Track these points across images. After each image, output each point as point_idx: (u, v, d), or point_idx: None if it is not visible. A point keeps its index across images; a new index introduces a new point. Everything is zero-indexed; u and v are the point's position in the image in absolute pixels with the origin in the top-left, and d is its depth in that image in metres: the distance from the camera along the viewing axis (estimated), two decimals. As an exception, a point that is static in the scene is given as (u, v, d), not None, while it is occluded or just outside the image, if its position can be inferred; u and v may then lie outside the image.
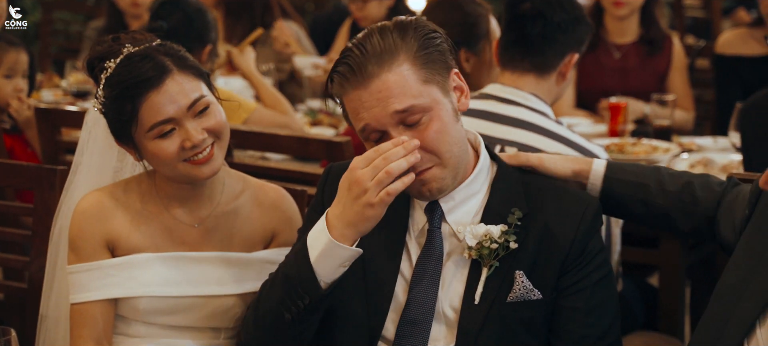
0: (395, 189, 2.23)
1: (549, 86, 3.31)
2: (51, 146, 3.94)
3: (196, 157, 2.50)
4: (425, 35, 2.33)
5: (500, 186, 2.42)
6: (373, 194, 2.22)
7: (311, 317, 2.35)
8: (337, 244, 2.26)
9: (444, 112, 2.32)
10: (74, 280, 2.57)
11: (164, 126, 2.47)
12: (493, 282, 2.35)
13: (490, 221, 2.36)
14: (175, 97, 2.47)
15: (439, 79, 2.33)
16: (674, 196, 2.48)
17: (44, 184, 2.96)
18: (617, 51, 5.21)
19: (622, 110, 4.55)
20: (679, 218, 2.47)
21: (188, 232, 2.62)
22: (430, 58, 2.32)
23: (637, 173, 2.53)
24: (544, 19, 3.27)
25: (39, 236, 2.96)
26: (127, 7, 6.15)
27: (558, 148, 3.14)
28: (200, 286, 2.59)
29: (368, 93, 2.29)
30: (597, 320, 2.37)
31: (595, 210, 2.40)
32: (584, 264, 2.36)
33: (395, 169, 2.22)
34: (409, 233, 2.43)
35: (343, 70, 2.30)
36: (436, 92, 2.32)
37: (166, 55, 2.51)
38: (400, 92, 2.28)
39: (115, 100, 2.48)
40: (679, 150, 4.26)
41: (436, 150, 2.31)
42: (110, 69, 2.49)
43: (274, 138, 3.50)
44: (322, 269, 2.28)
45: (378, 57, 2.28)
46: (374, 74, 2.28)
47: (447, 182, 2.35)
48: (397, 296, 2.41)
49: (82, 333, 2.55)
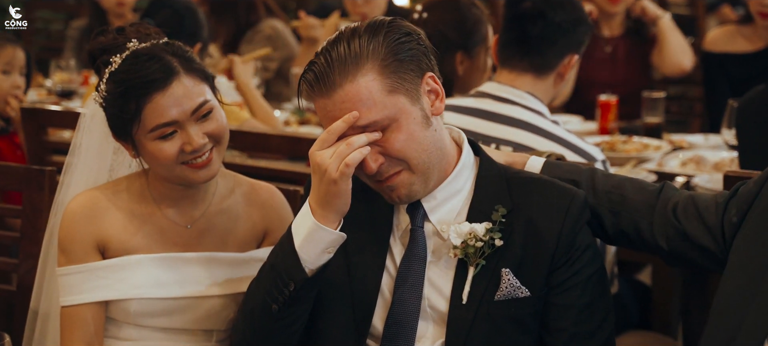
0: (353, 159, 2.21)
1: (546, 86, 3.29)
2: (37, 147, 3.90)
3: (194, 160, 2.47)
4: (397, 39, 2.28)
5: (484, 183, 2.39)
6: (333, 169, 2.22)
7: (298, 308, 2.33)
8: (320, 226, 2.26)
9: (411, 120, 2.27)
10: (64, 282, 2.53)
11: (166, 128, 2.44)
12: (480, 281, 2.32)
13: (476, 218, 2.34)
14: (180, 101, 2.44)
15: (408, 86, 2.28)
16: (603, 194, 2.42)
17: (33, 185, 2.93)
18: (607, 44, 5.26)
19: (612, 108, 4.54)
20: (607, 218, 2.40)
21: (180, 232, 2.59)
22: (399, 65, 2.27)
23: (571, 170, 2.48)
24: (545, 20, 3.25)
25: (27, 238, 2.93)
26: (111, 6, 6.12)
27: (552, 147, 3.12)
28: (192, 287, 2.56)
29: (332, 103, 2.26)
30: (590, 317, 2.34)
31: (581, 203, 2.36)
32: (574, 260, 2.33)
33: (355, 141, 2.22)
34: (393, 233, 2.41)
35: (310, 78, 2.28)
36: (403, 101, 2.27)
37: (173, 56, 2.47)
38: (362, 105, 2.24)
39: (118, 98, 2.44)
40: (671, 148, 4.26)
41: (402, 157, 2.28)
42: (115, 64, 2.46)
43: (265, 138, 3.49)
44: (307, 254, 2.27)
45: (342, 66, 2.25)
46: (337, 84, 2.24)
47: (416, 187, 2.32)
48: (384, 294, 2.39)
49: (72, 336, 2.51)
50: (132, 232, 2.56)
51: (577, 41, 3.31)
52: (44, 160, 3.87)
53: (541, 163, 2.49)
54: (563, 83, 3.35)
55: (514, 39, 3.30)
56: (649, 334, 3.60)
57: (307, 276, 2.28)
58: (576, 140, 3.22)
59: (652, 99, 4.51)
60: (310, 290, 2.32)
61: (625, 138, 4.28)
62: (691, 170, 3.90)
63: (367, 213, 2.40)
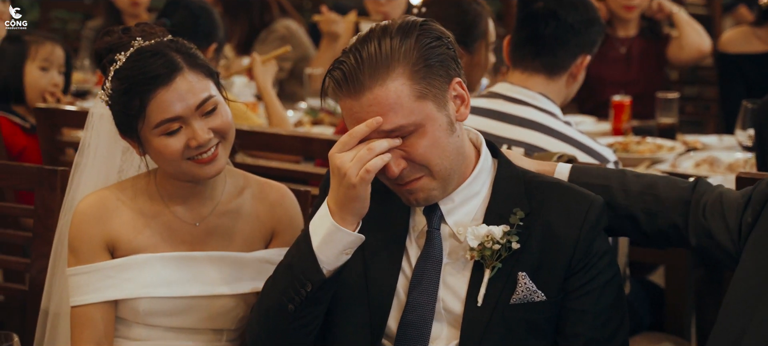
0: (374, 166, 2.20)
1: (559, 87, 3.28)
2: (51, 146, 3.91)
3: (200, 156, 2.47)
4: (428, 44, 2.25)
5: (502, 185, 2.38)
6: (353, 173, 2.20)
7: (314, 309, 2.32)
8: (339, 228, 2.24)
9: (436, 127, 2.26)
10: (74, 282, 2.54)
11: (171, 124, 2.44)
12: (496, 284, 2.31)
13: (493, 221, 2.32)
14: (184, 96, 2.44)
15: (436, 92, 2.26)
16: (637, 196, 2.40)
17: (44, 185, 2.93)
18: (622, 45, 5.25)
19: (625, 108, 4.52)
20: (642, 219, 2.39)
21: (189, 231, 2.59)
22: (429, 71, 2.24)
23: (600, 174, 2.46)
24: (557, 20, 3.24)
25: (39, 238, 2.93)
26: (125, 6, 6.15)
27: (564, 149, 3.10)
28: (201, 286, 2.56)
29: (359, 105, 2.23)
30: (606, 323, 2.33)
31: (599, 208, 2.35)
32: (591, 266, 2.32)
33: (377, 146, 2.20)
34: (409, 234, 2.40)
35: (337, 76, 2.25)
36: (431, 107, 2.25)
37: (177, 52, 2.48)
38: (390, 110, 2.22)
39: (123, 95, 2.45)
40: (684, 149, 4.24)
41: (425, 163, 2.26)
42: (120, 62, 2.46)
43: (276, 138, 3.48)
44: (325, 255, 2.26)
45: (372, 68, 2.22)
46: (366, 87, 2.22)
47: (435, 192, 2.31)
48: (399, 295, 2.38)
49: (82, 336, 2.52)
50: (140, 231, 2.56)
51: (589, 41, 3.30)
52: (58, 160, 3.87)
53: (568, 169, 2.48)
54: (575, 84, 3.33)
55: (526, 39, 3.29)
56: (662, 335, 3.58)
57: (325, 277, 2.27)
58: (588, 141, 3.20)
59: (666, 99, 4.49)
60: (327, 290, 2.31)
61: (638, 139, 4.26)
62: (705, 171, 3.88)
63: (384, 214, 2.39)
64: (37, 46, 4.31)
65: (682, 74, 5.81)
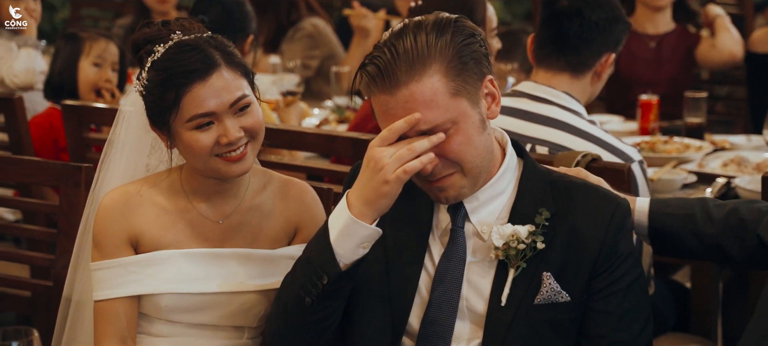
0: (412, 167, 2.19)
1: (583, 86, 3.26)
2: (78, 143, 3.93)
3: (229, 154, 2.48)
4: (463, 41, 2.24)
5: (527, 185, 2.37)
6: (390, 170, 2.19)
7: (331, 303, 2.32)
8: (356, 221, 2.23)
9: (470, 124, 2.25)
10: (97, 277, 2.55)
11: (203, 119, 2.45)
12: (520, 284, 2.30)
13: (517, 220, 2.32)
14: (219, 93, 2.45)
15: (470, 89, 2.25)
16: (721, 222, 2.39)
17: (69, 181, 2.95)
18: (652, 41, 5.21)
19: (653, 107, 4.49)
20: (730, 246, 2.38)
21: (212, 228, 2.60)
22: (464, 67, 2.24)
23: (681, 204, 2.46)
24: (582, 18, 3.23)
25: (64, 234, 2.95)
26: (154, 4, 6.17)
27: (589, 148, 3.09)
28: (223, 283, 2.57)
29: (395, 100, 2.22)
30: (630, 325, 2.32)
31: (625, 210, 2.35)
32: (616, 267, 2.31)
33: (418, 147, 2.19)
34: (433, 232, 2.40)
35: (372, 70, 2.23)
36: (465, 105, 2.24)
37: (215, 49, 2.49)
38: (426, 107, 2.20)
39: (158, 85, 2.46)
40: (712, 148, 4.21)
41: (458, 160, 2.26)
42: (158, 53, 2.47)
43: (300, 135, 3.48)
44: (342, 248, 2.25)
45: (409, 63, 2.20)
46: (402, 82, 2.20)
47: (465, 190, 2.31)
48: (421, 293, 2.38)
49: (106, 331, 2.53)
50: (164, 227, 2.57)
51: (614, 40, 3.28)
52: (85, 157, 3.89)
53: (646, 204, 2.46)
54: (600, 82, 3.32)
55: (550, 37, 3.28)
56: (687, 336, 3.55)
57: (341, 270, 2.27)
58: (613, 140, 3.19)
59: (694, 99, 4.45)
60: (343, 284, 2.30)
61: (665, 138, 4.23)
62: (733, 171, 3.85)
63: (408, 211, 2.39)
64: (92, 43, 4.40)
65: (713, 73, 5.76)
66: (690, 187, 3.68)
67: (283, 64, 5.44)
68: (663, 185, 3.61)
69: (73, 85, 4.38)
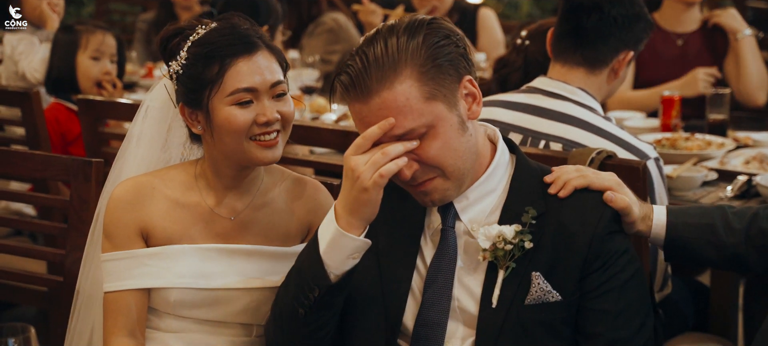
0: (388, 170, 2.17)
1: (599, 82, 3.22)
2: (93, 138, 3.93)
3: (263, 137, 2.48)
4: (436, 43, 2.21)
5: (518, 184, 2.34)
6: (366, 176, 2.17)
7: (325, 313, 2.30)
8: (343, 233, 2.21)
9: (447, 127, 2.22)
10: (108, 268, 2.55)
11: (245, 95, 2.46)
12: (510, 284, 2.28)
13: (509, 219, 2.29)
14: (262, 71, 2.47)
15: (445, 92, 2.22)
16: (742, 232, 2.36)
17: (79, 176, 2.94)
18: (679, 39, 5.12)
19: (675, 104, 4.44)
20: (750, 255, 2.35)
21: (223, 224, 2.59)
22: (438, 70, 2.21)
23: (701, 213, 2.42)
24: (601, 13, 3.19)
25: (75, 229, 2.94)
26: (179, -1, 6.20)
27: (603, 144, 3.05)
28: (233, 279, 2.56)
29: (368, 109, 2.20)
30: (627, 322, 2.29)
31: (615, 211, 2.31)
32: (609, 265, 2.28)
33: (391, 150, 2.17)
34: (424, 232, 2.38)
35: (345, 80, 2.22)
36: (440, 108, 2.22)
37: (254, 34, 2.52)
38: (399, 113, 2.18)
39: (202, 59, 2.47)
40: (734, 145, 4.15)
41: (437, 165, 2.24)
42: (200, 33, 2.50)
43: (315, 131, 3.47)
44: (331, 260, 2.24)
45: (380, 71, 2.18)
46: (374, 91, 2.18)
47: (450, 192, 2.28)
48: (414, 294, 2.36)
49: (116, 322, 2.53)
50: (175, 221, 2.56)
51: (634, 38, 3.23)
52: (100, 151, 3.90)
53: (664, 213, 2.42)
54: (617, 80, 3.27)
55: (568, 31, 3.25)
56: (707, 336, 3.50)
57: (332, 282, 2.25)
58: (627, 137, 3.14)
59: (717, 95, 4.39)
60: (335, 295, 2.29)
61: (687, 135, 4.17)
62: (755, 169, 3.79)
63: (399, 212, 2.37)
64: (89, 36, 4.41)
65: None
66: (710, 184, 3.63)
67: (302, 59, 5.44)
68: (682, 183, 3.56)
69: (73, 81, 4.39)
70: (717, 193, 3.53)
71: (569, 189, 2.32)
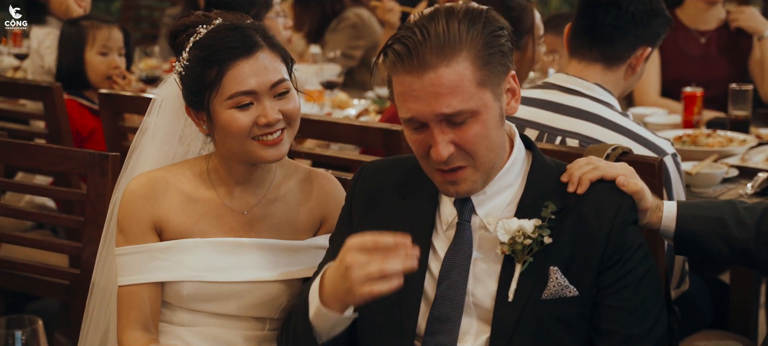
0: (379, 290, 2.10)
1: (616, 79, 3.21)
2: (114, 132, 3.95)
3: (266, 137, 2.48)
4: (493, 32, 2.21)
5: (535, 179, 2.33)
6: (357, 284, 2.10)
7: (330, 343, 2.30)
8: (324, 311, 2.21)
9: (490, 116, 2.22)
10: (122, 262, 2.56)
11: (244, 97, 2.46)
12: (527, 279, 2.26)
13: (524, 214, 2.27)
14: (261, 72, 2.46)
15: (494, 81, 2.22)
16: (753, 228, 2.34)
17: (96, 170, 2.96)
18: (702, 36, 5.08)
19: (697, 100, 4.40)
20: (760, 251, 2.33)
21: (237, 218, 2.59)
22: (491, 58, 2.21)
23: (711, 207, 2.40)
24: (619, 8, 3.17)
25: (91, 223, 2.96)
26: (204, -7, 6.20)
27: (620, 140, 3.04)
28: (246, 273, 2.57)
29: (420, 83, 2.18)
30: (642, 318, 2.27)
31: (631, 202, 2.30)
32: (625, 260, 2.26)
33: (389, 270, 2.09)
34: (436, 229, 2.36)
35: (400, 49, 2.18)
36: (488, 96, 2.21)
37: (256, 32, 2.51)
38: (452, 93, 2.17)
39: (201, 61, 2.48)
40: (756, 142, 4.11)
41: (472, 152, 2.22)
42: (201, 33, 2.50)
43: (331, 126, 3.47)
44: (319, 327, 2.24)
45: (439, 47, 2.16)
46: (431, 65, 2.16)
47: (478, 185, 2.28)
48: (427, 293, 2.34)
49: (130, 316, 2.54)
50: (189, 215, 2.57)
51: (651, 34, 3.21)
52: (120, 145, 3.92)
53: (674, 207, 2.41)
54: (635, 76, 3.25)
55: (585, 27, 3.23)
56: (726, 333, 3.47)
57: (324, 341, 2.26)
58: (645, 132, 3.12)
59: (739, 90, 4.33)
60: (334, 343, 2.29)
61: (708, 132, 4.13)
62: (776, 166, 3.76)
63: (407, 211, 2.36)
64: (95, 32, 4.42)
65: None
66: (731, 181, 3.60)
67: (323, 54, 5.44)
68: (702, 179, 3.54)
69: (83, 77, 4.41)
70: (737, 190, 3.50)
71: (585, 184, 2.30)
